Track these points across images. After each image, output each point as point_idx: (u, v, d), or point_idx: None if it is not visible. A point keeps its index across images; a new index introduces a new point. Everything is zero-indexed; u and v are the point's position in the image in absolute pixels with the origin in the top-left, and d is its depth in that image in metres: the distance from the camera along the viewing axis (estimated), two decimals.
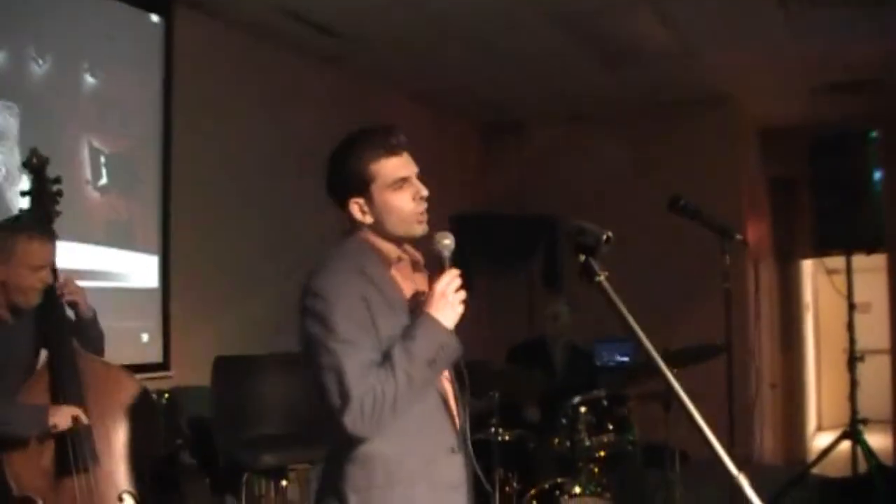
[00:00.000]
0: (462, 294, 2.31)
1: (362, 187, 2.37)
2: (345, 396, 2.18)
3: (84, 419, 3.27)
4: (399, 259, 2.42)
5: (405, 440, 2.29)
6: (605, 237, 1.83)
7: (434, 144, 8.40)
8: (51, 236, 3.44)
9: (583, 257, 1.80)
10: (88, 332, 3.61)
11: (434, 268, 2.36)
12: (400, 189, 2.36)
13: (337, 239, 2.48)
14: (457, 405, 2.46)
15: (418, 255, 2.50)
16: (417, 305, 2.35)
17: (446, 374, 2.44)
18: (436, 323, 2.27)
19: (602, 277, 1.77)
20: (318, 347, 2.24)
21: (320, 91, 6.95)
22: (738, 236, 3.69)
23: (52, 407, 3.26)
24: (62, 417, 3.24)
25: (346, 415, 2.18)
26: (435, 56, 7.04)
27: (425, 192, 2.38)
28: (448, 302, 2.29)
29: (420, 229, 2.39)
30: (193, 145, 5.65)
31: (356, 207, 2.39)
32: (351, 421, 2.18)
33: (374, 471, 2.28)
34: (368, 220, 2.38)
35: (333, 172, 2.43)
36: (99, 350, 3.67)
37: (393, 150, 2.37)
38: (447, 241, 2.35)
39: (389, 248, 2.41)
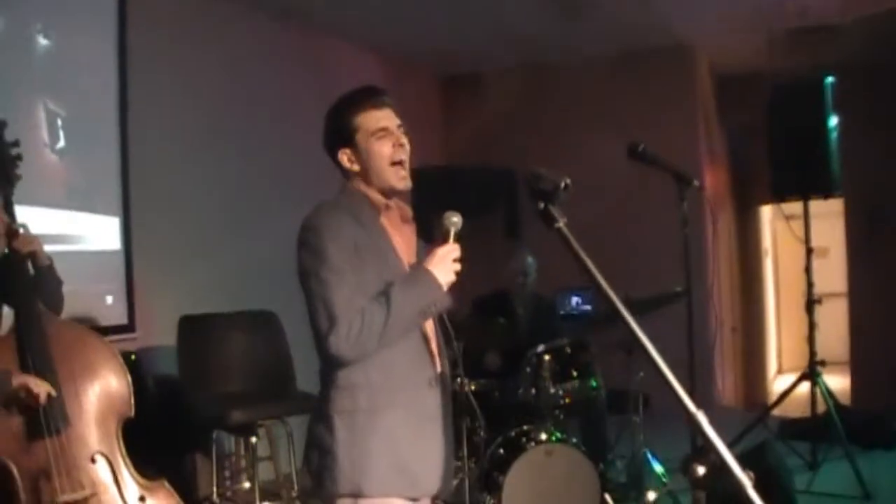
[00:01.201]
0: (458, 266, 2.52)
1: (349, 137, 2.58)
2: (332, 319, 2.40)
3: (53, 393, 3.27)
4: (387, 207, 2.62)
5: (388, 370, 2.50)
6: (563, 184, 1.86)
7: (394, 99, 8.38)
8: None
9: (542, 204, 1.83)
10: (47, 281, 3.57)
11: (439, 240, 2.54)
12: (381, 138, 2.57)
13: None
14: (438, 348, 2.67)
15: (407, 209, 2.70)
16: (411, 259, 2.61)
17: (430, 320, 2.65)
18: (434, 279, 2.47)
19: (562, 224, 1.81)
20: (311, 277, 2.45)
21: (278, 46, 6.89)
22: (696, 182, 3.74)
23: (16, 373, 3.25)
24: (34, 384, 3.22)
25: (331, 335, 2.39)
26: (392, 8, 7.00)
27: (404, 141, 2.59)
28: (446, 266, 2.50)
29: (401, 184, 2.59)
30: (151, 105, 5.59)
31: (344, 157, 2.61)
32: (335, 341, 2.39)
33: (357, 396, 2.49)
34: (356, 167, 2.60)
35: (326, 126, 2.65)
36: (58, 299, 3.66)
37: (376, 104, 2.60)
38: (455, 219, 2.54)
39: (378, 198, 2.61)
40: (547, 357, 4.98)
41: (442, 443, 2.64)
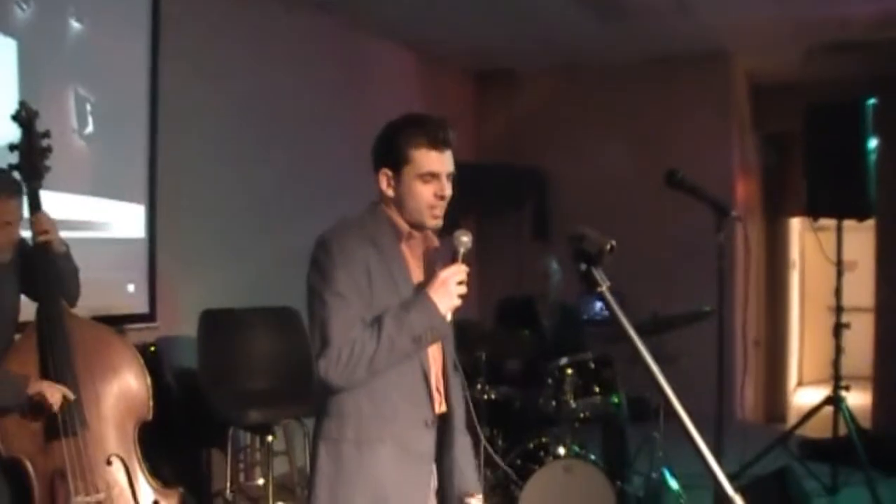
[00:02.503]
0: (463, 289, 2.42)
1: (397, 165, 2.47)
2: (325, 342, 2.35)
3: (71, 397, 3.24)
4: (410, 236, 2.53)
5: (380, 403, 2.43)
6: (608, 246, 1.79)
7: (426, 93, 8.32)
8: (17, 193, 3.38)
9: (584, 266, 1.77)
10: (63, 268, 3.54)
11: (448, 259, 2.47)
12: (427, 182, 2.46)
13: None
14: (444, 388, 2.57)
15: (433, 239, 2.58)
16: (420, 284, 2.50)
17: (435, 357, 2.56)
18: (432, 304, 2.38)
19: (604, 288, 1.74)
20: (315, 297, 2.40)
21: (311, 39, 6.81)
22: (734, 213, 3.66)
23: (35, 380, 3.22)
24: (50, 390, 3.20)
25: (322, 358, 2.34)
26: (427, 4, 6.91)
27: (448, 193, 2.48)
28: (448, 290, 2.40)
29: (432, 223, 2.50)
30: (182, 93, 5.53)
31: (384, 178, 2.50)
32: (325, 365, 2.34)
33: (345, 426, 2.44)
34: (390, 193, 2.50)
35: (380, 139, 2.53)
36: (75, 287, 3.62)
37: (436, 145, 2.46)
38: (465, 239, 2.43)
39: (403, 226, 2.52)
40: (569, 370, 4.92)
41: (429, 487, 2.54)
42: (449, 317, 2.44)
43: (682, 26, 7.36)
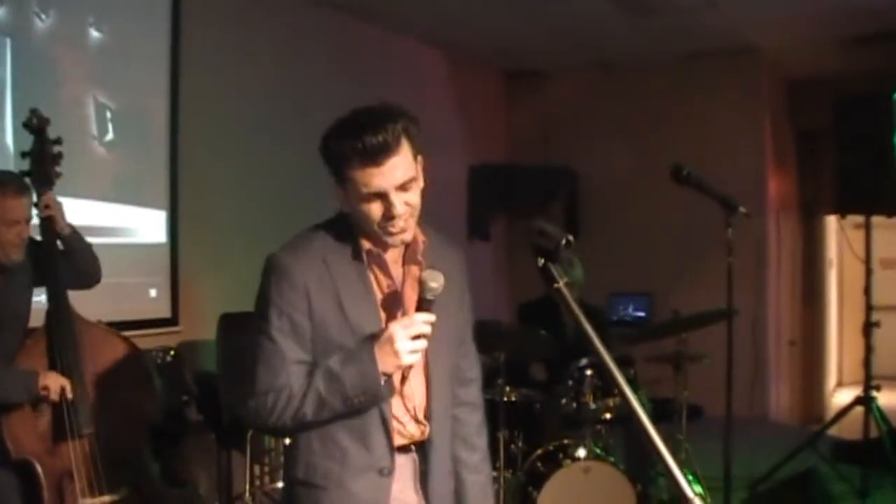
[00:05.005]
0: (419, 343, 2.09)
1: (340, 183, 2.16)
2: (250, 385, 2.13)
3: (69, 392, 3.28)
4: (371, 252, 2.21)
5: (330, 446, 2.19)
6: (564, 241, 1.76)
7: (456, 93, 8.31)
8: (25, 191, 3.41)
9: (541, 261, 1.73)
10: (73, 250, 3.57)
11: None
12: (372, 201, 2.11)
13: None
14: (418, 426, 2.28)
15: (420, 237, 2.25)
16: (389, 299, 2.22)
17: (415, 384, 2.27)
18: (371, 364, 2.08)
19: (561, 284, 1.71)
20: (252, 326, 2.19)
21: (336, 40, 6.83)
22: (742, 209, 3.60)
23: (43, 373, 3.27)
24: (52, 381, 3.25)
25: (247, 402, 2.14)
26: (458, 3, 6.90)
27: (399, 210, 2.09)
28: (393, 349, 2.06)
29: (394, 240, 2.17)
30: (202, 98, 5.58)
31: (338, 195, 2.20)
32: (253, 409, 2.14)
33: (296, 467, 2.23)
34: (346, 209, 2.20)
35: (320, 152, 2.19)
36: (92, 262, 3.65)
37: (371, 159, 2.06)
38: (433, 285, 2.09)
39: (364, 241, 2.22)
40: (589, 371, 4.87)
41: None
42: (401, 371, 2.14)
43: (712, 22, 7.27)
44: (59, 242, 3.53)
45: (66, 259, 3.54)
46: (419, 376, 2.26)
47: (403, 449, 2.25)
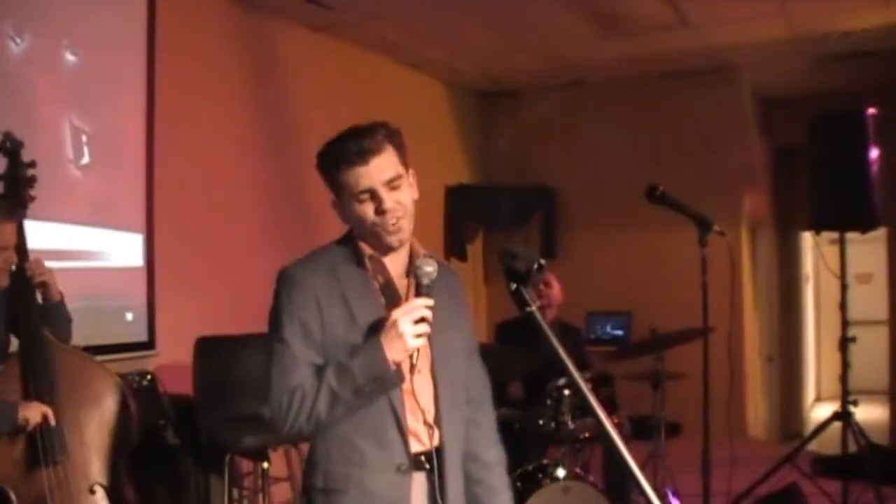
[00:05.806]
0: (423, 328, 2.17)
1: (337, 194, 2.33)
2: (269, 391, 2.22)
3: (52, 419, 3.25)
4: (373, 258, 2.34)
5: (346, 448, 2.27)
6: (536, 265, 1.77)
7: (432, 114, 8.33)
8: (13, 217, 3.40)
9: (514, 286, 1.75)
10: (57, 317, 3.57)
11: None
12: (364, 201, 2.27)
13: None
14: (430, 425, 2.33)
15: (421, 251, 2.37)
16: (393, 300, 2.32)
17: (423, 386, 2.33)
18: (378, 351, 2.16)
19: (534, 308, 1.72)
20: (268, 337, 2.29)
21: (312, 62, 6.84)
22: (716, 228, 3.63)
23: (23, 403, 3.24)
24: (33, 412, 3.22)
25: (267, 406, 2.23)
26: (433, 25, 6.93)
27: (389, 205, 2.25)
28: (398, 333, 2.15)
29: (389, 239, 2.29)
30: (178, 121, 5.56)
31: (337, 206, 2.37)
32: (269, 414, 2.23)
33: (315, 475, 2.31)
34: (345, 219, 2.36)
35: (317, 167, 2.38)
36: (66, 335, 3.64)
37: (356, 159, 2.24)
38: (428, 269, 2.22)
39: (366, 248, 2.35)
40: (567, 391, 4.87)
41: None
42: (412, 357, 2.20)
43: (686, 41, 7.34)
44: (40, 300, 3.52)
45: (46, 321, 3.52)
46: (426, 380, 2.34)
47: (417, 464, 2.31)
